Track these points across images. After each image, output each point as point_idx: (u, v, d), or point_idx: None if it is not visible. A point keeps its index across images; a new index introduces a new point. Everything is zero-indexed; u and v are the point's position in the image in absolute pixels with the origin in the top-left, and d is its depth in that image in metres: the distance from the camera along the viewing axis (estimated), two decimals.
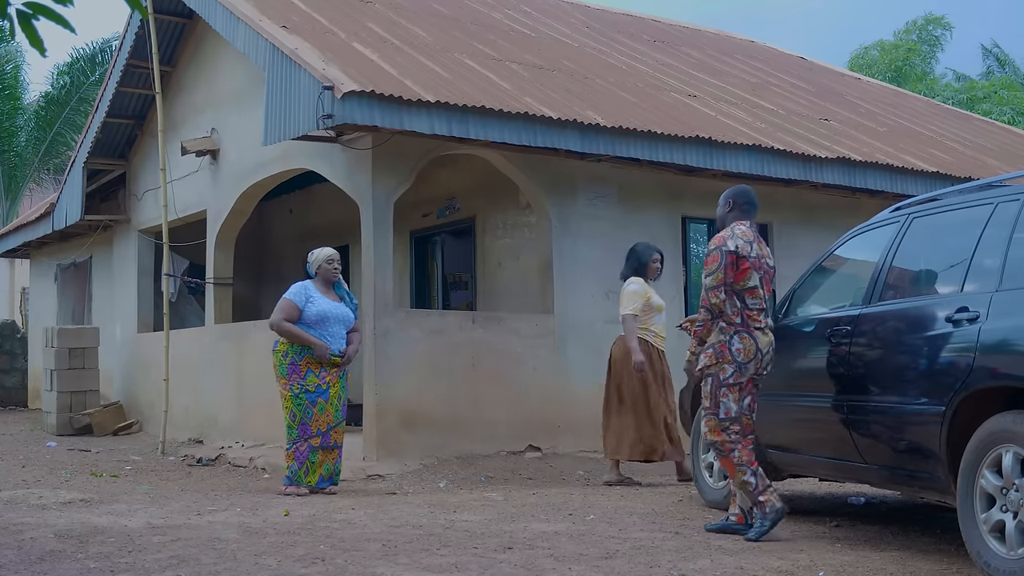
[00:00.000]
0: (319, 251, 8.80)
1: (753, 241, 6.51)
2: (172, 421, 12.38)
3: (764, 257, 6.53)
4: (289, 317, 8.48)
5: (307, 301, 8.52)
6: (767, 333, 6.46)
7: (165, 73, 13.28)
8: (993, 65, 36.38)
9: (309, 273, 8.78)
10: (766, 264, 6.53)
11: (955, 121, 17.31)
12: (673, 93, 13.06)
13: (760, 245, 6.55)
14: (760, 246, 6.55)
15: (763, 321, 6.44)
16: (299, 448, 8.43)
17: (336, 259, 8.77)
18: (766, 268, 6.52)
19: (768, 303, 6.51)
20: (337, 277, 8.78)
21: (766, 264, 6.53)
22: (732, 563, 5.58)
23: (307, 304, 8.51)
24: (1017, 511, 4.95)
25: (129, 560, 5.47)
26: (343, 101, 9.07)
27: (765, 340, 6.45)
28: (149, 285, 14.73)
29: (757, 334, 6.41)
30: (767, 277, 6.52)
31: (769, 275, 6.54)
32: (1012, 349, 5.10)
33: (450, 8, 14.68)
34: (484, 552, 5.79)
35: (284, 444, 8.59)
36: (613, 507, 7.69)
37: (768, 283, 6.53)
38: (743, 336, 6.38)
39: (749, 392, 6.46)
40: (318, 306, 8.52)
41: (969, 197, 5.98)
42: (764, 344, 6.44)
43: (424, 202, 12.68)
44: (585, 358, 10.93)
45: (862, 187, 12.16)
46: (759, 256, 6.49)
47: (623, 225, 11.32)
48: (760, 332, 6.42)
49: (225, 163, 12.60)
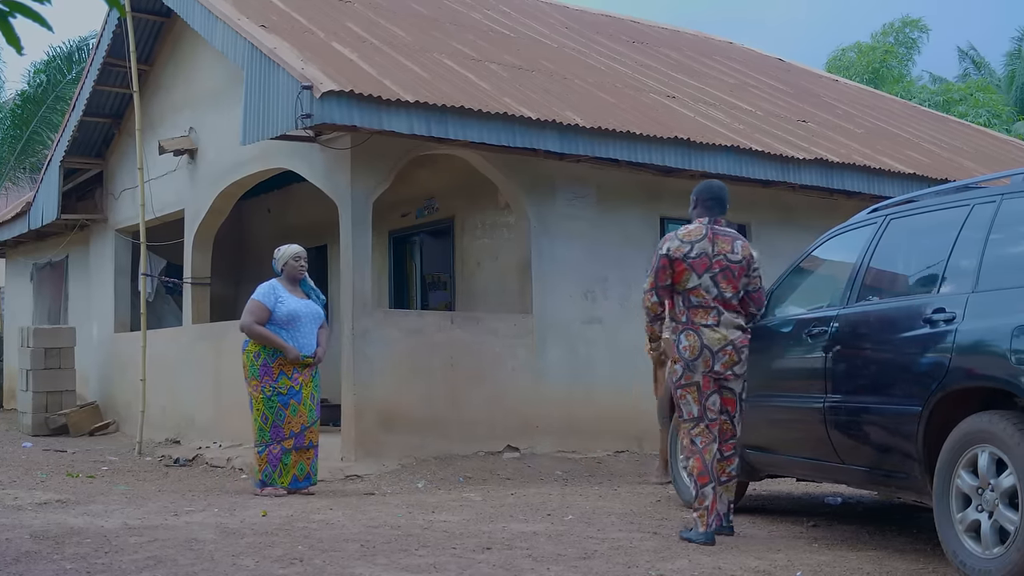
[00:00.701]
0: (285, 248, 8.71)
1: (699, 240, 6.34)
2: (149, 421, 12.32)
3: (720, 254, 6.33)
4: (259, 319, 8.40)
5: (277, 301, 8.42)
6: (717, 330, 6.27)
7: (143, 72, 13.22)
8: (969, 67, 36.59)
9: (275, 270, 8.69)
10: (724, 261, 6.32)
11: (931, 123, 17.41)
12: (652, 94, 13.08)
13: (715, 242, 6.35)
14: (713, 243, 6.35)
15: (714, 318, 6.28)
16: (271, 451, 8.37)
17: (303, 256, 8.69)
18: (724, 265, 6.32)
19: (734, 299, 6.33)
20: (304, 275, 8.71)
21: (724, 261, 6.32)
22: (710, 563, 5.59)
23: (277, 304, 8.41)
24: (992, 511, 4.98)
25: (106, 561, 5.44)
26: (322, 101, 9.05)
27: (714, 337, 6.26)
28: (126, 285, 14.66)
29: (704, 331, 6.27)
30: (726, 274, 6.31)
31: (732, 270, 6.32)
32: (988, 350, 5.13)
33: (429, 8, 14.67)
34: (463, 552, 5.79)
35: (256, 446, 8.45)
36: (591, 507, 7.70)
37: (731, 279, 6.32)
38: (688, 334, 6.30)
39: (714, 391, 6.31)
40: (288, 306, 8.45)
41: (946, 199, 6.02)
42: (713, 341, 6.26)
43: (403, 202, 12.67)
44: (563, 358, 10.95)
45: (839, 188, 12.21)
46: (703, 255, 6.30)
47: (601, 225, 11.35)
48: (708, 329, 6.27)
49: (203, 162, 12.56)
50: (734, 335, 6.31)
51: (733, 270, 6.35)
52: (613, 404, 11.00)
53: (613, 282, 11.36)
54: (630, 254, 11.48)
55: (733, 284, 6.35)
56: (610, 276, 11.34)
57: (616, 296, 11.37)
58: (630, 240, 11.52)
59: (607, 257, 11.33)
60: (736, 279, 6.36)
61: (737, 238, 6.49)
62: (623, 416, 10.96)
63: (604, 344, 11.20)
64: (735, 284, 6.35)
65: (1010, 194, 5.47)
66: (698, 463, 6.28)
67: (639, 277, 11.41)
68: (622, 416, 10.97)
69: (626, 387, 10.99)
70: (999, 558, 4.90)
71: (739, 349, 6.33)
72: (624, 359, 11.17)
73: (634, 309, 11.44)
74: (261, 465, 8.41)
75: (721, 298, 6.31)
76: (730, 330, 6.31)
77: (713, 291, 6.31)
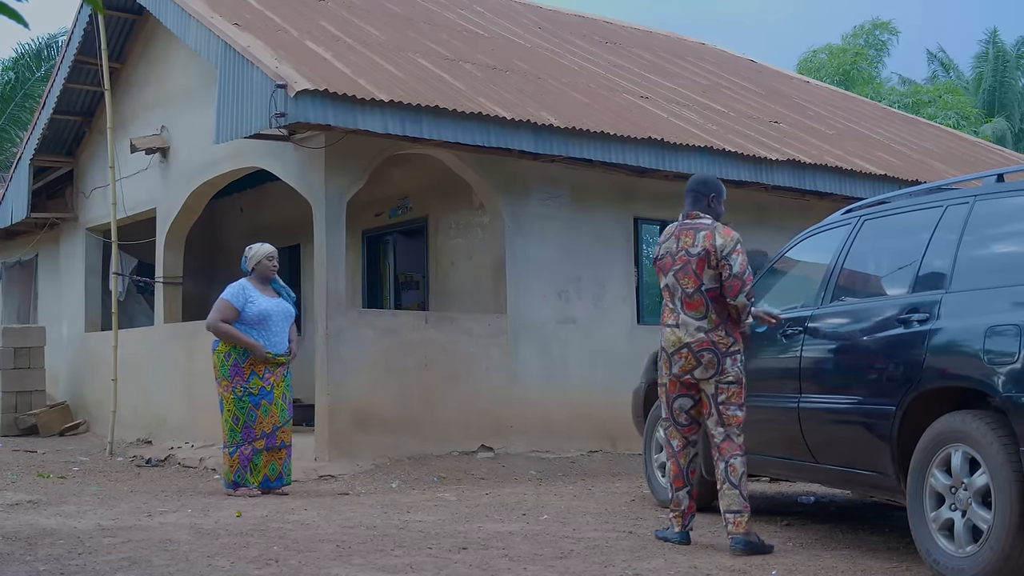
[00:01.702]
0: (258, 247, 8.63)
1: (667, 239, 6.21)
2: (120, 421, 12.24)
3: (681, 250, 6.08)
4: (226, 318, 8.33)
5: (247, 302, 8.35)
6: (675, 331, 6.05)
7: (114, 70, 13.13)
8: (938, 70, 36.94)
9: (244, 269, 8.62)
10: (684, 256, 6.06)
11: (902, 125, 17.54)
12: (625, 94, 13.11)
13: (679, 238, 6.12)
14: (678, 239, 6.12)
15: (674, 318, 6.07)
16: (243, 452, 8.32)
17: (276, 256, 8.64)
18: (684, 260, 6.05)
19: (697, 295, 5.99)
20: (274, 274, 8.68)
21: (684, 256, 6.06)
22: (686, 562, 5.62)
23: (247, 304, 8.34)
24: (966, 510, 5.03)
25: (80, 562, 5.40)
26: (296, 100, 9.02)
27: (671, 339, 6.07)
28: (97, 284, 14.56)
29: (664, 331, 6.13)
30: (685, 268, 6.03)
31: (690, 264, 6.01)
32: (961, 350, 5.18)
33: (403, 7, 14.65)
34: (439, 552, 5.78)
35: (226, 447, 8.36)
36: (566, 507, 7.71)
37: (689, 273, 6.01)
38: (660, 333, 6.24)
39: (682, 395, 6.15)
40: (259, 305, 8.39)
41: (919, 200, 6.07)
42: (668, 343, 6.08)
43: (376, 201, 12.64)
44: (537, 358, 10.96)
45: (812, 189, 12.28)
46: (668, 254, 6.14)
47: (575, 225, 11.37)
48: (668, 330, 6.10)
49: (175, 161, 12.49)
50: (692, 337, 5.99)
51: (692, 263, 6.03)
52: (587, 404, 11.02)
53: (587, 282, 11.38)
54: (604, 254, 11.51)
55: (692, 278, 6.02)
56: (584, 276, 11.36)
57: (590, 296, 11.39)
58: (604, 240, 11.55)
59: (581, 257, 11.35)
60: (695, 273, 6.02)
61: (700, 229, 6.10)
62: (597, 416, 10.99)
63: (578, 344, 11.22)
64: (694, 278, 6.02)
65: (983, 195, 5.53)
66: (673, 466, 6.26)
67: (613, 277, 11.56)
68: (596, 416, 10.99)
69: (600, 387, 11.01)
70: (972, 556, 4.94)
71: (696, 353, 5.99)
72: (598, 359, 11.21)
73: (608, 309, 11.49)
74: (233, 466, 8.35)
75: (684, 294, 6.05)
76: (688, 332, 6.01)
77: (678, 289, 6.09)
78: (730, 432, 6.02)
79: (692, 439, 6.23)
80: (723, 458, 6.01)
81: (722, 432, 6.02)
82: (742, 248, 6.08)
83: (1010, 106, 34.34)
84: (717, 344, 6.01)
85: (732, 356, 6.03)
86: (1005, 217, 5.43)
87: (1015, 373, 4.81)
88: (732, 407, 6.03)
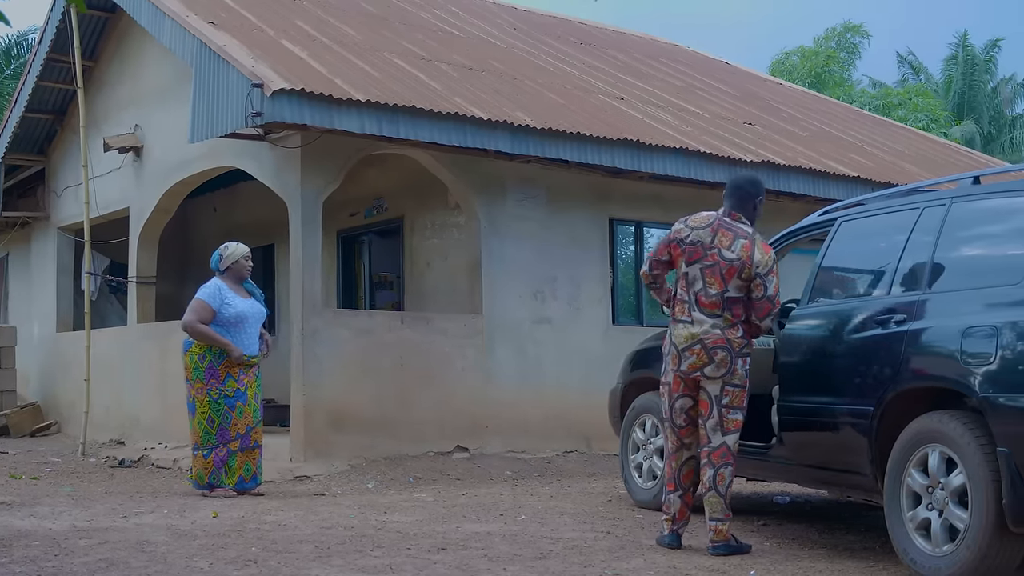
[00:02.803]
0: (234, 247, 8.56)
1: (701, 228, 6.02)
2: (92, 422, 12.15)
3: (715, 247, 5.96)
4: (202, 319, 8.27)
5: (223, 303, 8.28)
6: (688, 327, 5.95)
7: (87, 68, 13.04)
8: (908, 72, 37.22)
9: (215, 268, 8.52)
10: (717, 255, 5.94)
11: (874, 127, 17.65)
12: (600, 95, 13.14)
13: (717, 234, 5.99)
14: (715, 234, 5.99)
15: (687, 313, 5.96)
16: (218, 454, 8.27)
17: (250, 255, 8.62)
18: (716, 259, 5.93)
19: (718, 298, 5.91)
20: (248, 274, 8.62)
21: (717, 255, 5.94)
22: (665, 562, 5.64)
23: (223, 306, 8.28)
24: (943, 509, 5.08)
25: (56, 564, 5.37)
26: (273, 99, 8.98)
27: (683, 334, 5.96)
28: (69, 283, 14.45)
29: (676, 327, 6.02)
30: (714, 269, 5.92)
31: (721, 267, 5.92)
32: (938, 351, 5.23)
33: (378, 7, 14.62)
34: (418, 553, 5.78)
35: (199, 450, 8.28)
36: (543, 507, 7.72)
37: (717, 275, 5.91)
38: (669, 329, 6.13)
39: (684, 395, 6.06)
40: (236, 307, 8.33)
41: (897, 202, 6.12)
42: (680, 338, 5.97)
43: (351, 201, 12.61)
44: (513, 358, 10.97)
45: (786, 191, 12.32)
46: (699, 243, 5.98)
47: (551, 226, 11.38)
48: (681, 325, 5.99)
49: (149, 160, 12.41)
50: (706, 334, 5.90)
51: (723, 267, 5.91)
52: (562, 404, 11.03)
53: (562, 282, 11.40)
54: (579, 255, 11.53)
55: (719, 282, 5.92)
56: (559, 276, 11.38)
57: (565, 296, 11.41)
58: (579, 241, 11.57)
59: (556, 257, 11.36)
60: (724, 277, 5.91)
61: (741, 236, 5.97)
62: (572, 416, 11.00)
63: (553, 344, 11.23)
64: (720, 283, 5.91)
65: (959, 197, 5.58)
66: (667, 468, 6.22)
67: (588, 278, 11.59)
68: (571, 416, 11.00)
69: (575, 387, 11.03)
70: (949, 556, 5.00)
71: (710, 349, 5.90)
72: (573, 359, 11.22)
73: (583, 309, 11.52)
74: (208, 468, 8.29)
75: (704, 293, 5.94)
76: (703, 327, 5.91)
77: (698, 284, 5.95)
78: (727, 439, 5.95)
79: (687, 442, 6.11)
80: (713, 465, 5.94)
81: (720, 439, 5.95)
82: (777, 269, 6.02)
83: (979, 109, 34.66)
84: (732, 342, 5.92)
85: (743, 358, 5.96)
86: (981, 219, 5.49)
87: (991, 374, 4.87)
88: (734, 410, 5.96)
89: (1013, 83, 36.09)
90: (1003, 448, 4.75)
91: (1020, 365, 4.77)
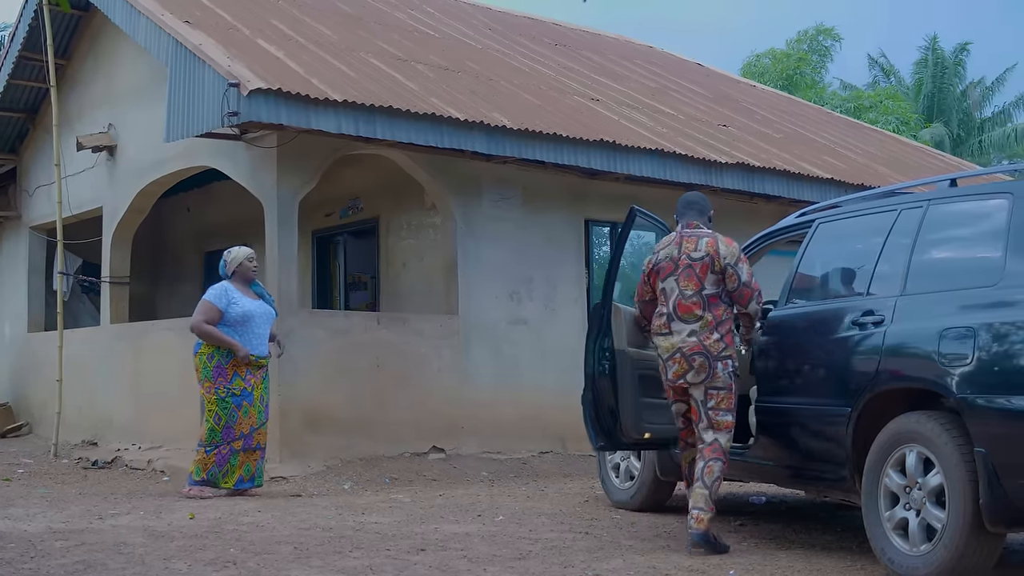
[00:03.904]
0: (237, 250, 8.64)
1: (667, 246, 6.31)
2: (64, 422, 12.05)
3: (684, 255, 6.18)
4: (209, 319, 8.31)
5: (229, 303, 8.34)
6: (668, 338, 6.16)
7: (60, 66, 12.92)
8: (879, 75, 37.43)
9: (223, 273, 8.60)
10: (686, 259, 6.17)
11: (846, 129, 17.76)
12: (576, 96, 13.16)
13: (681, 244, 6.24)
14: (680, 245, 6.24)
15: (665, 325, 6.16)
16: (221, 451, 8.26)
17: (255, 257, 8.67)
18: (687, 264, 6.16)
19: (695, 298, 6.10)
20: (255, 276, 8.66)
21: (686, 259, 6.17)
22: (644, 562, 5.66)
23: (230, 306, 8.34)
24: (920, 509, 5.12)
25: (33, 566, 5.33)
26: (249, 99, 8.94)
27: (664, 344, 6.19)
28: (40, 283, 14.33)
29: (658, 340, 6.25)
30: (687, 272, 6.13)
31: (693, 267, 6.13)
32: (916, 352, 5.27)
33: (353, 7, 14.59)
34: (397, 554, 5.78)
35: (203, 446, 8.27)
36: (521, 508, 7.73)
37: (691, 276, 6.12)
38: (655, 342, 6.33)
39: (675, 400, 6.30)
40: (242, 307, 8.38)
41: (874, 204, 6.16)
42: (663, 349, 6.19)
43: (327, 201, 12.57)
44: (489, 359, 10.97)
45: (760, 192, 12.39)
46: (669, 258, 6.23)
47: (527, 227, 11.39)
48: (661, 338, 6.22)
49: (123, 159, 12.33)
50: (683, 342, 6.08)
51: (695, 267, 6.13)
52: (538, 405, 11.04)
53: (538, 283, 11.41)
54: (555, 255, 11.55)
55: (694, 281, 6.12)
56: (535, 277, 11.39)
57: (541, 297, 11.42)
58: (555, 242, 11.58)
59: (532, 258, 11.37)
60: (698, 276, 6.12)
61: (702, 236, 6.24)
62: (547, 417, 11.01)
63: (529, 345, 11.24)
64: (696, 282, 6.12)
65: (937, 200, 5.63)
66: (682, 467, 6.45)
67: (564, 278, 11.60)
68: (546, 417, 11.01)
69: (550, 388, 11.04)
70: (926, 555, 5.04)
71: (688, 356, 6.07)
72: (549, 360, 11.23)
73: (559, 310, 11.53)
74: (207, 464, 8.26)
75: (681, 297, 6.12)
76: (681, 337, 6.10)
77: (675, 293, 6.15)
78: (718, 436, 6.08)
79: (690, 441, 6.35)
80: (704, 458, 6.08)
81: (711, 436, 6.09)
82: (745, 257, 6.28)
83: (948, 112, 34.94)
84: (709, 348, 6.07)
85: (723, 361, 6.08)
86: (958, 221, 5.54)
87: (969, 374, 4.91)
88: (722, 412, 6.09)
89: (982, 86, 36.37)
90: (980, 448, 4.80)
91: (997, 366, 4.82)
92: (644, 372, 6.69)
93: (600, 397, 6.66)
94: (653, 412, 6.71)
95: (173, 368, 10.66)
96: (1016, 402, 4.69)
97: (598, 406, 6.68)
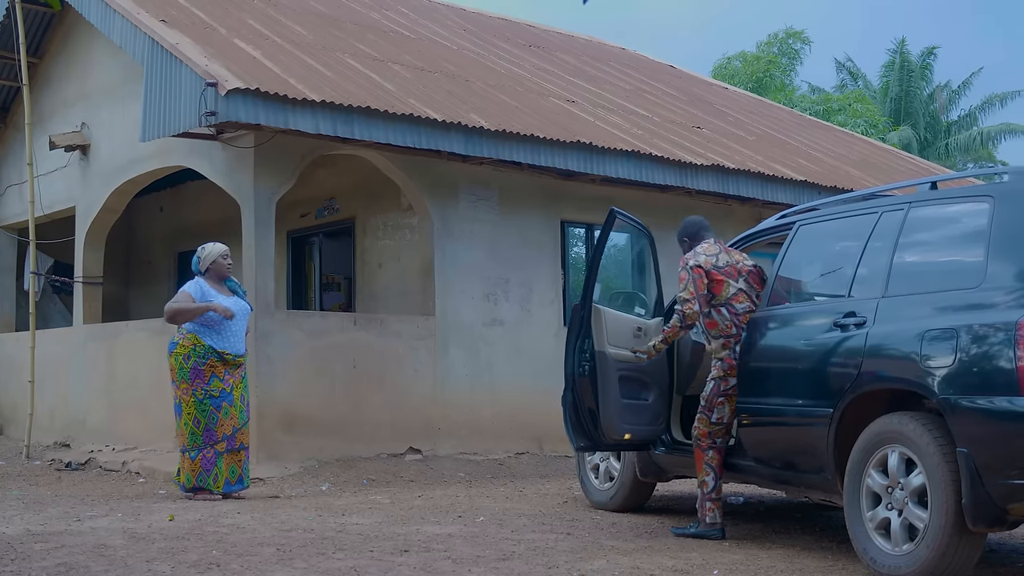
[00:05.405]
0: (211, 247, 8.54)
1: (719, 253, 6.61)
2: (37, 424, 11.96)
3: (737, 262, 6.60)
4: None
5: (204, 297, 8.26)
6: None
7: (32, 64, 12.83)
8: (846, 79, 37.67)
9: (196, 270, 8.52)
10: (745, 267, 6.60)
11: (817, 131, 17.88)
12: (552, 98, 13.18)
13: (729, 253, 6.66)
14: (728, 254, 6.64)
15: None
16: (205, 455, 8.18)
17: (229, 254, 8.58)
18: (748, 270, 6.59)
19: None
20: (230, 273, 8.60)
21: (745, 267, 6.60)
22: (628, 563, 5.68)
23: (204, 299, 8.25)
24: (902, 509, 5.16)
25: (14, 569, 5.29)
26: (227, 98, 8.90)
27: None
28: (11, 283, 14.21)
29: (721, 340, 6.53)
30: (751, 278, 6.57)
31: (755, 274, 6.60)
32: (897, 353, 5.31)
33: (328, 7, 14.54)
34: (381, 555, 5.77)
35: (187, 451, 8.19)
36: (500, 509, 7.74)
37: (757, 282, 6.56)
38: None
39: None
40: (219, 303, 8.31)
41: (855, 206, 6.21)
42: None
43: (302, 202, 12.53)
44: (465, 360, 10.97)
45: (735, 194, 12.45)
46: (729, 264, 6.55)
47: (503, 228, 11.40)
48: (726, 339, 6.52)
49: (96, 159, 12.24)
50: None
51: (757, 274, 6.63)
52: (514, 406, 11.05)
53: (515, 284, 11.42)
54: (531, 256, 11.56)
55: (759, 287, 6.56)
56: (512, 278, 11.40)
57: (517, 298, 11.43)
58: (531, 243, 11.60)
59: (509, 259, 11.38)
60: (760, 282, 6.59)
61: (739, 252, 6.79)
62: (524, 418, 11.03)
63: (505, 346, 11.25)
64: (760, 285, 6.58)
65: (917, 202, 5.68)
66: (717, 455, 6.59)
67: (540, 279, 11.62)
68: (523, 418, 11.03)
69: (527, 389, 11.06)
70: (908, 554, 5.08)
71: None
72: (525, 361, 11.24)
73: (535, 311, 11.55)
74: (195, 470, 8.17)
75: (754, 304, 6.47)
76: None
77: (752, 293, 6.51)
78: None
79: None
80: None
81: None
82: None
83: (915, 114, 35.19)
84: None
85: None
86: (939, 223, 5.60)
87: (950, 375, 4.96)
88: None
89: (948, 89, 36.66)
90: (962, 448, 4.85)
91: (978, 367, 4.88)
92: (624, 373, 6.76)
93: (580, 398, 6.72)
94: (633, 413, 6.78)
95: (147, 369, 10.62)
96: (998, 402, 4.75)
97: (578, 407, 6.73)
